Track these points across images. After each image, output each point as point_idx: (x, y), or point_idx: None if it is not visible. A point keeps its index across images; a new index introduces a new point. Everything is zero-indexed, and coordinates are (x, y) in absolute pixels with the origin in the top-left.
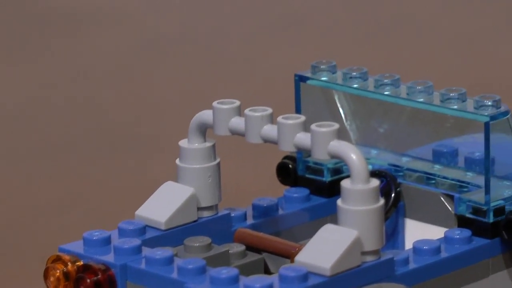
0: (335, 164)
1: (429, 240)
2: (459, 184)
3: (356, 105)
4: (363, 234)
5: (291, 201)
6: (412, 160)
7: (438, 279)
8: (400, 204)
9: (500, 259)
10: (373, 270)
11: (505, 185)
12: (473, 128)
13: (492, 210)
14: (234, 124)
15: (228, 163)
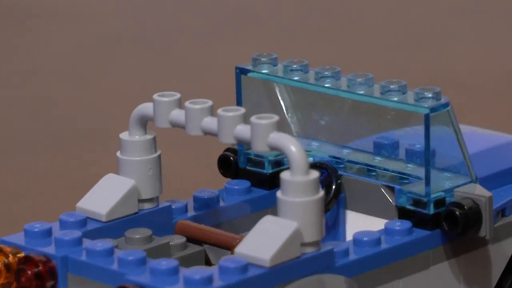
0: (276, 157)
1: (369, 231)
2: (400, 176)
3: (297, 98)
4: (302, 225)
5: (232, 193)
6: (353, 152)
7: (378, 271)
8: (341, 196)
9: (440, 251)
10: (313, 262)
11: (445, 176)
12: (414, 120)
13: (432, 201)
14: (174, 117)
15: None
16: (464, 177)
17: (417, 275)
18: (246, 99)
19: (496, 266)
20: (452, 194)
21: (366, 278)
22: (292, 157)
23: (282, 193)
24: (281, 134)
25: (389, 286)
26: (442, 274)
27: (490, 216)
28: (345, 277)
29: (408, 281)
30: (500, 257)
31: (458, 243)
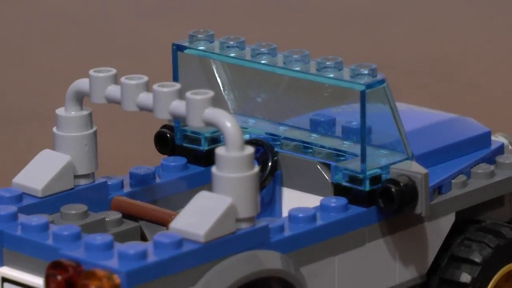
0: (212, 133)
1: (305, 208)
2: (336, 153)
3: (233, 75)
4: (237, 201)
5: (168, 170)
6: (289, 129)
7: (313, 247)
8: (277, 173)
9: (376, 228)
10: (248, 237)
11: (381, 153)
12: (350, 97)
13: (368, 178)
14: (110, 92)
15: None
16: (400, 154)
17: (352, 252)
18: (182, 76)
19: (433, 243)
20: (388, 171)
21: (301, 255)
22: (226, 133)
23: (217, 169)
24: (216, 109)
25: (324, 262)
26: (378, 251)
27: (426, 193)
28: (280, 253)
29: (343, 257)
30: (436, 234)
31: (394, 220)
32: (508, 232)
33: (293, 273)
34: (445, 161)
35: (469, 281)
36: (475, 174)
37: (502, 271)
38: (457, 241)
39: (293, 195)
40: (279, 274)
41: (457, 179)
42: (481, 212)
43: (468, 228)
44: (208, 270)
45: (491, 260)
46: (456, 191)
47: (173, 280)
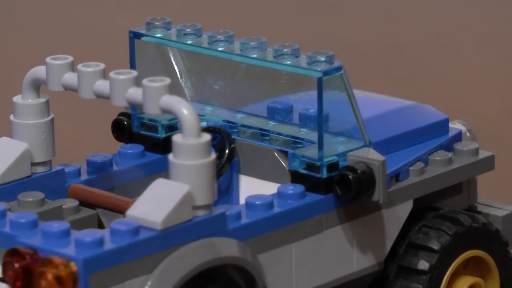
0: (169, 121)
1: (262, 195)
2: (293, 140)
3: (190, 62)
4: (194, 188)
5: (125, 157)
6: (246, 117)
7: (271, 234)
8: (234, 160)
9: (333, 215)
10: (205, 225)
11: (338, 141)
12: (307, 84)
13: (325, 165)
14: (67, 80)
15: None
16: (357, 141)
17: (310, 239)
18: (140, 64)
19: (390, 231)
20: (345, 158)
21: (259, 242)
22: (183, 120)
23: (173, 156)
24: (173, 97)
25: (281, 250)
26: (335, 239)
27: (384, 180)
28: (237, 241)
29: (301, 245)
30: (394, 222)
31: (351, 208)
32: (466, 220)
33: (250, 260)
34: (403, 148)
35: (427, 268)
36: (433, 161)
37: (460, 258)
38: (415, 228)
39: (250, 182)
40: (236, 262)
41: (415, 166)
42: (439, 199)
43: (426, 216)
44: (165, 258)
45: (449, 248)
46: (414, 178)
47: (130, 267)
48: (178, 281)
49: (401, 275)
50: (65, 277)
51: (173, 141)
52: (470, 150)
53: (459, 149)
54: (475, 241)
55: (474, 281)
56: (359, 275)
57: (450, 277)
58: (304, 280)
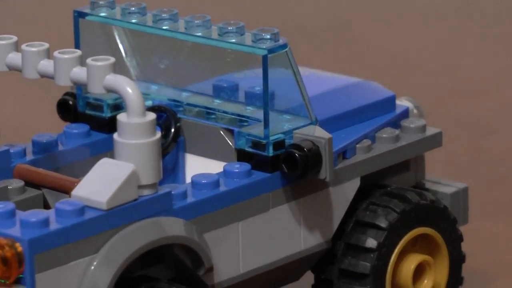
0: (114, 100)
1: (208, 174)
2: (239, 119)
3: (135, 41)
4: (139, 168)
5: (71, 137)
6: (192, 95)
7: (217, 213)
8: (180, 139)
9: (280, 193)
10: (150, 204)
11: (284, 118)
12: (253, 62)
13: (271, 144)
14: (11, 60)
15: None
16: (303, 119)
17: (256, 217)
18: (84, 43)
19: (338, 209)
20: (291, 136)
21: (205, 221)
22: (128, 99)
23: (118, 135)
24: (117, 76)
25: (228, 228)
26: (282, 217)
27: (330, 158)
28: (183, 220)
29: (247, 223)
30: (341, 199)
31: (298, 186)
32: (414, 197)
33: (196, 239)
34: (350, 126)
35: (375, 246)
36: (380, 139)
37: (408, 236)
38: (363, 206)
39: (196, 161)
40: (182, 241)
41: (362, 144)
42: (386, 176)
43: (373, 193)
44: (111, 238)
45: (397, 225)
46: (361, 155)
47: (76, 247)
48: (124, 261)
49: (349, 253)
50: (11, 258)
51: (118, 121)
52: (417, 127)
53: (406, 126)
54: (423, 219)
55: (423, 259)
56: (306, 254)
57: (398, 254)
58: (251, 259)
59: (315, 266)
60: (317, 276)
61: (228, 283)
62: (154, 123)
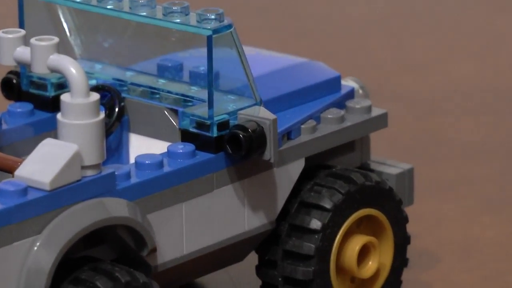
0: (58, 79)
1: (152, 154)
2: (184, 99)
3: (80, 20)
4: (83, 148)
5: (14, 116)
6: (136, 75)
7: (160, 194)
8: (124, 118)
9: (224, 174)
10: (94, 185)
11: (229, 99)
12: (197, 42)
13: (215, 124)
14: None
15: None
16: (248, 99)
17: (200, 198)
18: (29, 23)
19: (282, 189)
20: (235, 117)
21: (149, 201)
22: (71, 79)
23: (62, 116)
24: (61, 56)
25: (172, 209)
26: (226, 198)
27: (275, 139)
28: (126, 201)
29: (191, 204)
30: (286, 180)
31: (242, 166)
32: (359, 178)
33: (139, 220)
34: (294, 106)
35: (320, 227)
36: (325, 119)
37: (353, 217)
38: (307, 187)
39: (140, 141)
40: (125, 222)
41: (307, 125)
42: (331, 157)
43: (318, 174)
44: (54, 218)
45: (341, 206)
46: (306, 136)
47: (19, 228)
48: (67, 242)
49: (293, 234)
50: None
51: (62, 101)
52: (363, 107)
53: (352, 107)
54: (368, 200)
55: (368, 240)
56: (250, 235)
57: (343, 236)
58: (194, 240)
59: (259, 247)
60: (261, 257)
61: (171, 264)
62: (97, 103)
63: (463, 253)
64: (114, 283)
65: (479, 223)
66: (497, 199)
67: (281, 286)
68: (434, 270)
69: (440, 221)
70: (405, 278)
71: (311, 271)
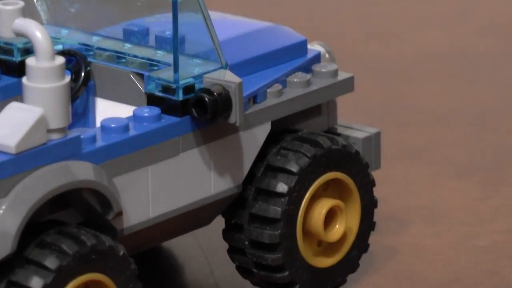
0: (25, 44)
1: (117, 118)
2: (149, 63)
3: None
4: (48, 112)
5: None
6: (103, 39)
7: (126, 157)
8: (90, 83)
9: (190, 137)
10: (59, 148)
11: (195, 63)
12: (163, 7)
13: (181, 88)
14: None
15: None
16: (213, 63)
17: (166, 161)
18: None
19: (248, 153)
20: (201, 81)
21: (114, 165)
22: (36, 43)
23: (27, 79)
24: (26, 19)
25: (137, 173)
26: (192, 161)
27: (240, 102)
28: (92, 164)
29: (157, 168)
30: (252, 144)
31: (208, 130)
32: (326, 142)
33: (105, 184)
34: (260, 71)
35: (286, 191)
36: (291, 83)
37: (319, 181)
38: (274, 150)
39: (106, 105)
40: (91, 185)
41: (272, 88)
42: (298, 121)
43: (284, 138)
44: (19, 182)
45: (308, 170)
46: (271, 100)
47: None
48: (33, 205)
49: (260, 198)
50: None
51: (27, 64)
52: (329, 71)
53: (318, 71)
54: (334, 163)
55: (334, 203)
56: (217, 198)
57: (309, 199)
58: (160, 204)
59: (225, 211)
60: (227, 221)
61: (137, 228)
62: (63, 67)
63: (431, 217)
64: (79, 246)
65: (446, 187)
66: (464, 164)
67: (248, 249)
68: (402, 234)
69: (408, 186)
70: (373, 242)
71: (278, 234)
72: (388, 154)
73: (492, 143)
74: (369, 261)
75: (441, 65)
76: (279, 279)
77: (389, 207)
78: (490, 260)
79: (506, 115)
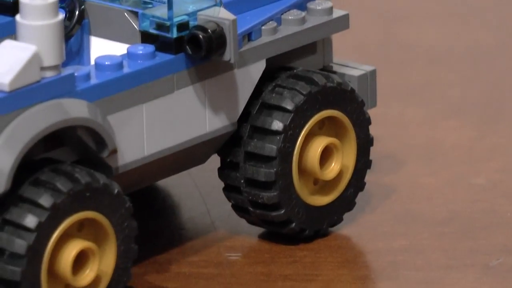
0: None
1: (112, 55)
2: (143, 1)
3: None
4: (42, 49)
5: None
6: None
7: (120, 95)
8: (84, 21)
9: (184, 75)
10: (53, 86)
11: (189, 0)
12: None
13: (175, 25)
14: None
15: None
16: (208, 1)
17: (161, 99)
18: None
19: (243, 91)
20: (195, 18)
21: (109, 103)
22: None
23: (21, 17)
24: None
25: (132, 110)
26: (187, 99)
27: (235, 39)
28: (86, 102)
29: (152, 105)
30: (247, 82)
31: (203, 67)
32: (321, 79)
33: (99, 121)
34: (255, 8)
35: (281, 128)
36: (286, 21)
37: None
38: (269, 88)
39: (101, 43)
40: (85, 123)
41: (267, 26)
42: (293, 59)
43: (279, 75)
44: (13, 120)
45: (303, 108)
46: (266, 37)
47: None
48: (26, 143)
49: (255, 136)
50: None
51: (20, 2)
52: (324, 9)
53: (313, 8)
54: (330, 101)
55: (330, 141)
56: (212, 136)
57: (305, 137)
58: (155, 141)
59: (221, 149)
60: (223, 159)
61: (132, 166)
62: (56, 4)
63: (427, 156)
64: (74, 184)
65: (443, 127)
66: (461, 103)
67: (243, 188)
68: (399, 173)
69: (404, 124)
70: (369, 180)
71: (273, 172)
72: (384, 93)
73: (488, 82)
74: (365, 200)
75: (438, 4)
76: (275, 217)
77: (385, 146)
78: (486, 198)
79: (502, 54)
